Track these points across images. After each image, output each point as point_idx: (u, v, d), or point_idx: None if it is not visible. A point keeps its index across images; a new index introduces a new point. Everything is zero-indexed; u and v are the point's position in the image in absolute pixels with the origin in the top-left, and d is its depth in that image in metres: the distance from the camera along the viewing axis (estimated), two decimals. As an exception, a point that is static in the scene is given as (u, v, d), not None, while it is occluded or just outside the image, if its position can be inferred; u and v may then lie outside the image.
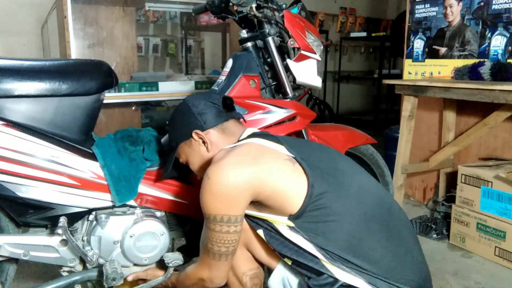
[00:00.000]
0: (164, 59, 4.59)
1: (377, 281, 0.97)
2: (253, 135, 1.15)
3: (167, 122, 1.30)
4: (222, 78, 1.54)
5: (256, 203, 1.06)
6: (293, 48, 1.57)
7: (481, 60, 2.08)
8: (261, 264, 1.24)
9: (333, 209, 1.01)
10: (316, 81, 1.62)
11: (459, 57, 2.27)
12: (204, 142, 1.19)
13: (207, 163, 1.19)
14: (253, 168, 1.02)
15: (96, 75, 1.35)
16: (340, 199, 1.03)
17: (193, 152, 1.22)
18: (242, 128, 1.22)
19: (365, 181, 1.12)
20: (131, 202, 1.35)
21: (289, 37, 1.54)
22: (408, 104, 2.18)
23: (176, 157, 1.28)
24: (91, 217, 1.37)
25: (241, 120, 1.31)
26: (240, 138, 1.17)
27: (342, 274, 0.99)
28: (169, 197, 1.40)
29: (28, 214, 1.29)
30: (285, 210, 1.02)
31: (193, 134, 1.19)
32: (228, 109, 1.23)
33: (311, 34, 1.59)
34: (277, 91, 1.63)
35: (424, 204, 2.70)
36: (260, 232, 1.10)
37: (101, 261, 1.35)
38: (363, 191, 1.08)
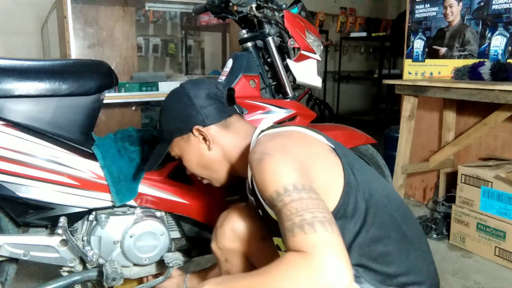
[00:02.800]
0: (164, 59, 4.59)
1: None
2: (273, 127, 1.06)
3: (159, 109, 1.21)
4: (222, 78, 1.54)
5: None
6: (293, 48, 1.57)
7: (481, 60, 2.08)
8: None
9: (362, 210, 0.93)
10: (316, 81, 1.62)
11: (459, 57, 2.27)
12: (205, 139, 1.12)
13: (206, 162, 1.15)
14: (309, 156, 0.92)
15: (96, 75, 1.35)
16: (369, 200, 0.95)
17: (191, 148, 1.14)
18: (246, 124, 1.16)
19: (386, 184, 1.07)
20: (131, 202, 1.35)
21: (289, 37, 1.54)
22: (408, 104, 2.18)
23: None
24: (91, 217, 1.36)
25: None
26: (264, 128, 1.06)
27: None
28: (169, 197, 1.40)
29: (28, 214, 1.29)
30: None
31: (194, 130, 1.11)
32: (231, 102, 1.16)
33: (311, 34, 1.59)
34: (277, 91, 1.63)
35: (424, 204, 2.70)
36: (279, 240, 1.03)
37: (101, 261, 1.35)
38: (388, 194, 1.02)
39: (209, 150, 1.13)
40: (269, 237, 1.14)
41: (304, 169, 0.86)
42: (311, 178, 0.86)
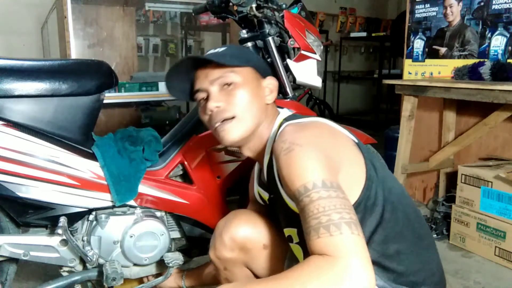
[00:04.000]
0: (164, 59, 4.59)
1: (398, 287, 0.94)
2: (296, 116, 1.04)
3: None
4: (222, 78, 1.54)
5: None
6: (293, 48, 1.57)
7: (481, 60, 2.08)
8: None
9: (380, 205, 0.92)
10: (316, 81, 1.62)
11: (459, 57, 2.27)
12: (270, 92, 1.06)
13: (255, 102, 1.02)
14: (336, 148, 0.91)
15: (96, 75, 1.35)
16: (387, 197, 0.95)
17: (253, 86, 1.03)
18: (277, 111, 1.12)
19: (399, 183, 1.06)
20: (131, 202, 1.35)
21: (289, 37, 1.54)
22: (408, 104, 2.18)
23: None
24: (91, 217, 1.37)
25: None
26: (286, 117, 1.05)
27: None
28: (169, 197, 1.40)
29: (28, 214, 1.29)
30: None
31: (269, 78, 1.07)
32: None
33: (311, 34, 1.59)
34: (277, 91, 1.62)
35: (424, 204, 2.70)
36: (294, 231, 1.00)
37: (101, 261, 1.35)
38: (402, 193, 1.01)
39: (262, 102, 1.04)
40: (270, 246, 1.13)
41: (332, 162, 0.85)
42: (338, 170, 0.85)
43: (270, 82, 1.07)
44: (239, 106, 1.00)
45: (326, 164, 0.83)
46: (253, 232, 1.12)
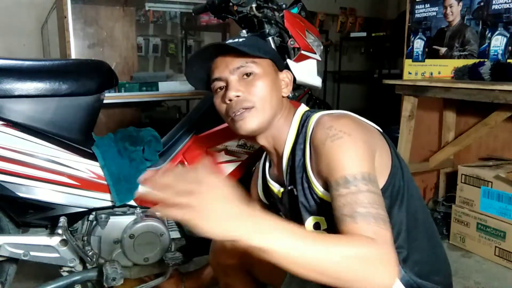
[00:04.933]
0: (164, 59, 4.58)
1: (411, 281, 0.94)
2: (315, 110, 1.05)
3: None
4: (222, 78, 1.54)
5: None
6: (293, 48, 1.56)
7: (481, 60, 2.08)
8: (263, 285, 1.21)
9: (401, 193, 0.95)
10: (316, 81, 1.62)
11: (459, 57, 2.27)
12: (286, 85, 1.07)
13: (273, 93, 1.02)
14: (371, 138, 0.93)
15: (96, 75, 1.35)
16: (408, 185, 0.97)
17: (272, 78, 1.03)
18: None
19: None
20: (131, 202, 1.35)
21: (289, 37, 1.54)
22: (408, 104, 2.18)
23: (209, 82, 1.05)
24: (91, 217, 1.37)
25: None
26: (308, 109, 1.06)
27: None
28: (169, 197, 1.40)
29: (28, 214, 1.30)
30: None
31: (285, 71, 1.08)
32: None
33: (311, 34, 1.59)
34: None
35: (424, 204, 2.70)
36: (322, 219, 0.99)
37: (101, 261, 1.35)
38: (416, 186, 1.03)
39: (277, 94, 1.04)
40: None
41: (372, 152, 0.89)
42: (374, 159, 0.89)
43: (286, 76, 1.08)
44: (259, 96, 0.99)
45: (369, 155, 0.87)
46: None
